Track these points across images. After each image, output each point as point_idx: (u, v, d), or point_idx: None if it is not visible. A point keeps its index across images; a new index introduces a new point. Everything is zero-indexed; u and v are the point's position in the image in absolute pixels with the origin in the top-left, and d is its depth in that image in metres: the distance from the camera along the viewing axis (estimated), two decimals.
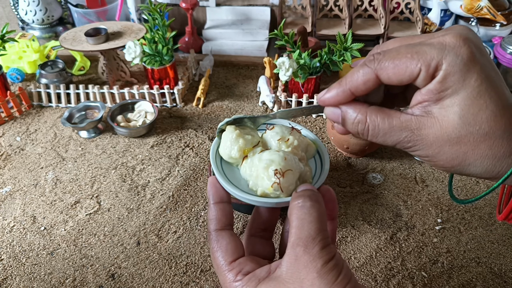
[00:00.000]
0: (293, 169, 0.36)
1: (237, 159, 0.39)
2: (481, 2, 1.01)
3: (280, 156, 0.36)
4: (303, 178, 0.38)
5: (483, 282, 0.59)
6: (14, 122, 0.91)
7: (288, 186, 0.35)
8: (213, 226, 0.36)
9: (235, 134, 0.38)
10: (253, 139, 0.39)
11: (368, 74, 0.30)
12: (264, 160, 0.36)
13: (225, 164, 0.40)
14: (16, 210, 0.71)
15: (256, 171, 0.36)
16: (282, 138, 0.39)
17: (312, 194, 0.33)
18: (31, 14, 1.17)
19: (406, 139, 0.30)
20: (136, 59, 0.87)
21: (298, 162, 0.37)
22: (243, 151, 0.38)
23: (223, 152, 0.39)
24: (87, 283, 0.59)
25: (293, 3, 1.13)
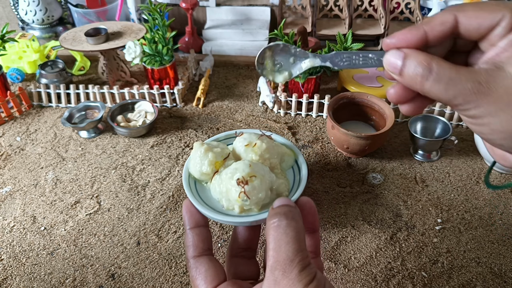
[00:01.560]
0: (259, 175, 0.34)
1: (209, 175, 0.37)
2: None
3: (245, 163, 0.35)
4: (278, 190, 0.36)
5: (483, 282, 0.59)
6: (14, 122, 0.91)
7: (257, 195, 0.33)
8: (190, 253, 0.35)
9: (203, 149, 0.37)
10: (223, 151, 0.38)
11: (446, 16, 0.29)
12: (229, 171, 0.35)
13: (199, 184, 0.38)
14: (16, 210, 0.71)
15: (225, 185, 0.35)
16: (249, 143, 0.37)
17: (288, 211, 0.31)
18: (31, 14, 1.17)
19: (472, 91, 0.27)
20: (136, 59, 0.87)
21: (267, 170, 0.35)
22: (214, 165, 0.37)
23: (194, 169, 0.37)
24: (87, 283, 0.59)
25: (293, 3, 1.13)
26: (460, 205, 0.70)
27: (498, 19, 0.28)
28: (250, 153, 0.37)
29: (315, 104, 0.88)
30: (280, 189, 0.36)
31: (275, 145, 0.38)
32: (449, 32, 0.29)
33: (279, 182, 0.36)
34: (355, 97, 0.82)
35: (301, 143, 0.83)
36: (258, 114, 0.91)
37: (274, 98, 0.88)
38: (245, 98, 0.97)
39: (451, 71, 0.28)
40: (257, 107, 0.94)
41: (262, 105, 0.94)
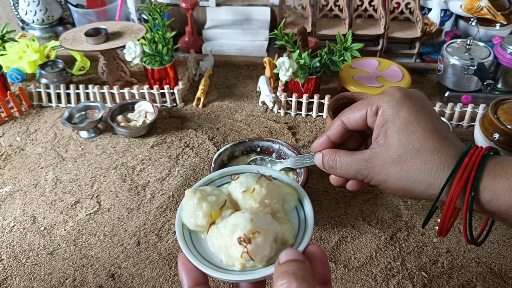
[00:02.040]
0: (263, 230, 0.30)
1: (205, 227, 0.33)
2: (481, 2, 1.01)
3: (246, 218, 0.31)
4: (282, 238, 0.32)
5: (483, 282, 0.59)
6: (14, 122, 0.91)
7: (261, 253, 0.30)
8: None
9: (197, 199, 0.33)
10: (218, 199, 0.34)
11: (337, 122, 0.42)
12: (228, 227, 0.31)
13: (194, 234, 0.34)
14: (16, 210, 0.71)
15: (224, 241, 0.31)
16: (247, 189, 0.34)
17: (297, 270, 0.28)
18: (31, 14, 1.17)
19: (363, 167, 0.38)
20: (136, 59, 0.87)
21: (270, 221, 0.32)
22: (210, 216, 0.33)
23: (188, 221, 0.34)
24: (87, 283, 0.59)
25: (293, 3, 1.13)
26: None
27: (364, 113, 0.40)
28: (249, 200, 0.33)
29: (315, 104, 0.88)
30: (285, 237, 0.32)
31: (275, 187, 0.35)
32: (342, 132, 0.42)
33: (283, 229, 0.33)
34: (355, 97, 0.82)
35: (301, 143, 0.83)
36: (258, 114, 0.91)
37: (274, 98, 0.88)
38: (245, 98, 0.97)
39: (347, 158, 0.40)
40: (257, 107, 0.94)
41: (262, 105, 0.94)
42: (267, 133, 0.86)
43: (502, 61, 0.89)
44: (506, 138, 0.69)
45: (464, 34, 1.11)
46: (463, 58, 0.88)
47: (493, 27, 1.07)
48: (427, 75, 1.04)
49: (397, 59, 1.07)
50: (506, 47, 0.88)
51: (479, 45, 0.92)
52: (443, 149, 0.36)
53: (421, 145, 0.36)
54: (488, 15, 1.01)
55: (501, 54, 0.89)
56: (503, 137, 0.69)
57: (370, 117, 0.39)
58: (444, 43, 0.95)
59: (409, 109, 0.37)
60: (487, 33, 1.07)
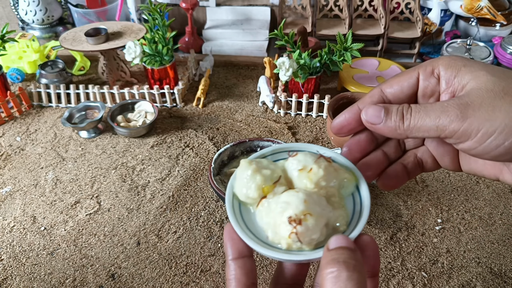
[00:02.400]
0: (315, 213, 0.29)
1: (256, 199, 0.32)
2: (481, 2, 1.01)
3: (299, 197, 0.30)
4: (334, 224, 0.31)
5: (483, 282, 0.59)
6: (14, 122, 0.91)
7: (310, 236, 0.29)
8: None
9: (251, 170, 0.32)
10: (273, 173, 0.32)
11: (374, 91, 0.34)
12: (279, 204, 0.30)
13: (244, 206, 0.33)
14: (16, 210, 0.71)
15: (273, 217, 0.30)
16: (304, 168, 0.32)
17: (348, 259, 0.26)
18: (31, 14, 1.17)
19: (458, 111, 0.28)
20: (136, 59, 0.87)
21: (324, 204, 0.31)
22: (262, 189, 0.32)
23: (239, 191, 0.33)
24: (87, 283, 0.60)
25: (293, 3, 1.13)
26: (460, 205, 0.70)
27: (415, 77, 0.32)
28: (305, 179, 0.32)
29: (315, 104, 0.88)
30: (337, 223, 0.31)
31: (333, 170, 0.33)
32: (378, 102, 0.33)
33: (336, 215, 0.31)
34: (355, 97, 0.82)
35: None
36: (258, 114, 0.91)
37: (274, 98, 0.88)
38: (245, 98, 0.97)
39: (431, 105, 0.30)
40: (257, 107, 0.94)
41: (262, 105, 0.94)
42: (267, 133, 0.86)
43: (502, 61, 0.89)
44: None
45: (464, 34, 1.11)
46: None
47: (493, 27, 1.07)
48: None
49: (397, 59, 1.07)
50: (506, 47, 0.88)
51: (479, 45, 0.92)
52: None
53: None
54: (488, 15, 1.02)
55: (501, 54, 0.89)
56: None
57: (424, 80, 0.31)
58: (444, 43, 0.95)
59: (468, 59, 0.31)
60: (487, 33, 1.08)
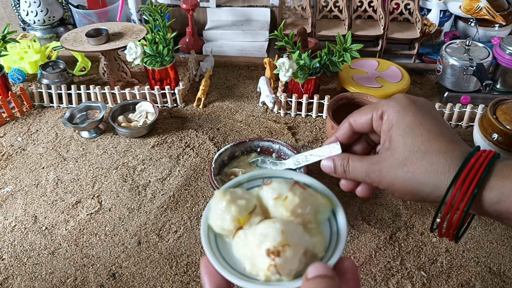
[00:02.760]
0: (293, 243, 0.29)
1: (232, 231, 0.32)
2: (480, 2, 1.01)
3: (276, 228, 0.29)
4: (313, 251, 0.31)
5: (482, 281, 0.59)
6: (15, 123, 0.91)
7: (289, 267, 0.29)
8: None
9: (226, 201, 0.32)
10: (248, 203, 0.32)
11: (345, 123, 0.43)
12: (256, 236, 0.30)
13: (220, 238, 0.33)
14: (17, 210, 0.71)
15: (251, 249, 0.30)
16: (279, 196, 0.32)
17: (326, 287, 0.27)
18: (32, 15, 1.17)
19: (371, 170, 0.39)
20: (137, 59, 0.87)
21: (301, 233, 0.30)
22: (238, 220, 0.32)
23: (214, 223, 0.32)
24: (88, 283, 0.60)
25: (293, 4, 1.13)
26: None
27: (370, 117, 0.40)
28: (280, 207, 0.32)
29: (315, 105, 0.88)
30: (315, 250, 0.31)
31: (309, 196, 0.33)
32: (350, 133, 0.43)
33: (314, 242, 0.31)
34: (354, 97, 0.82)
35: (301, 143, 0.84)
36: (258, 115, 0.92)
37: (274, 98, 0.88)
38: (245, 98, 0.97)
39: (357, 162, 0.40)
40: (257, 107, 0.94)
41: (262, 106, 0.94)
42: (267, 133, 0.87)
43: (501, 61, 0.90)
44: (505, 138, 0.69)
45: (463, 35, 1.11)
46: (462, 59, 0.88)
47: (492, 28, 1.07)
48: (426, 75, 1.05)
49: (397, 59, 1.08)
50: (505, 48, 0.88)
51: (478, 45, 0.92)
52: (449, 151, 0.36)
53: (426, 147, 0.36)
54: (487, 15, 1.02)
55: (500, 55, 0.89)
56: (502, 137, 0.69)
57: (375, 121, 0.40)
58: (443, 43, 0.95)
59: (415, 114, 0.38)
60: (486, 33, 1.08)
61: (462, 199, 0.34)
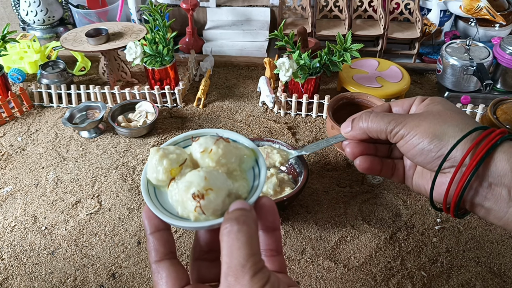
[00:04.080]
0: (215, 187, 0.33)
1: (165, 182, 0.36)
2: (480, 2, 1.01)
3: (200, 176, 0.34)
4: (236, 193, 0.35)
5: (482, 281, 0.59)
6: (15, 122, 0.91)
7: (213, 208, 0.33)
8: (152, 258, 0.35)
9: (159, 155, 0.36)
10: (179, 157, 0.36)
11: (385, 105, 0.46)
12: (184, 183, 0.34)
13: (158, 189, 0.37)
14: (17, 210, 0.71)
15: (181, 195, 0.34)
16: (205, 149, 0.36)
17: (240, 215, 0.31)
18: (32, 14, 1.17)
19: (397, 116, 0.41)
20: (137, 59, 0.87)
21: (224, 179, 0.35)
22: (170, 172, 0.36)
23: (150, 175, 0.37)
24: (88, 283, 0.60)
25: (293, 3, 1.13)
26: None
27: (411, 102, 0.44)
28: (206, 159, 0.36)
29: (315, 105, 0.88)
30: (239, 192, 0.35)
31: (232, 148, 0.37)
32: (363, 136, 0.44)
33: (237, 185, 0.35)
34: (354, 97, 0.82)
35: (301, 143, 0.84)
36: (258, 115, 0.92)
37: (274, 98, 0.88)
38: (245, 98, 0.97)
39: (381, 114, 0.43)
40: (257, 107, 0.94)
41: (262, 106, 0.94)
42: (267, 133, 0.86)
43: (501, 61, 0.90)
44: None
45: (464, 35, 1.11)
46: (463, 59, 0.88)
47: (492, 28, 1.07)
48: (427, 75, 1.05)
49: (397, 59, 1.08)
50: (505, 48, 0.88)
51: (478, 45, 0.92)
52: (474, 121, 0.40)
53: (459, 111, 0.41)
54: (488, 15, 1.02)
55: (500, 55, 0.89)
56: None
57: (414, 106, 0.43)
58: (443, 43, 0.95)
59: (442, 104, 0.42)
60: (486, 33, 1.08)
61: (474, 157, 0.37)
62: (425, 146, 0.39)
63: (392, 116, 0.41)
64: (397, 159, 0.47)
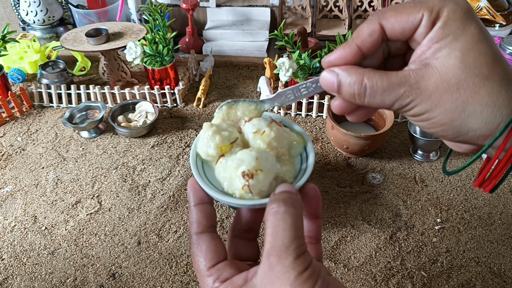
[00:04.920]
0: (265, 169, 0.34)
1: (215, 157, 0.37)
2: (480, 2, 1.01)
3: (251, 155, 0.34)
4: (283, 178, 0.35)
5: (482, 281, 0.59)
6: (15, 122, 0.91)
7: (260, 188, 0.33)
8: (193, 229, 0.34)
9: (211, 131, 0.37)
10: (231, 135, 0.37)
11: (372, 25, 0.30)
12: (235, 161, 0.34)
13: (206, 164, 0.38)
14: (17, 210, 0.71)
15: (229, 172, 0.35)
16: (258, 130, 0.37)
17: (287, 197, 0.31)
18: (32, 14, 1.17)
19: (405, 94, 0.29)
20: (137, 59, 0.87)
21: (273, 161, 0.35)
22: (221, 148, 0.36)
23: (201, 150, 0.37)
24: (88, 283, 0.60)
25: (293, 3, 1.13)
26: (459, 205, 0.70)
27: (418, 19, 0.29)
28: (258, 140, 0.37)
29: (315, 105, 0.88)
30: (285, 176, 0.36)
31: (284, 132, 0.38)
32: (378, 41, 0.31)
33: (285, 169, 0.36)
34: None
35: None
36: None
37: None
38: (245, 98, 0.97)
39: (382, 82, 0.30)
40: None
41: None
42: None
43: None
44: None
45: None
46: None
47: (492, 28, 1.07)
48: None
49: None
50: (505, 48, 0.88)
51: None
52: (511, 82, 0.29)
53: (490, 72, 0.28)
54: (488, 15, 1.02)
55: None
56: None
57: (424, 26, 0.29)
58: None
59: (478, 24, 0.29)
60: None
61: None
62: (446, 133, 0.30)
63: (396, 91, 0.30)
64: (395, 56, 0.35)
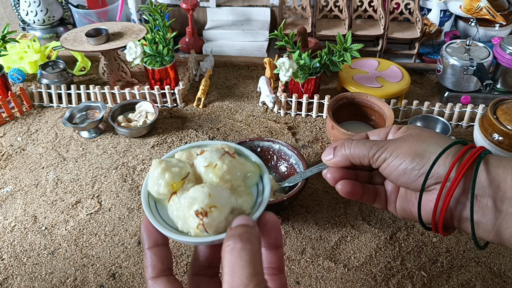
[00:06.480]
0: (219, 205, 0.32)
1: (167, 195, 0.35)
2: (480, 2, 1.01)
3: (204, 192, 0.33)
4: (240, 209, 0.34)
5: (482, 281, 0.59)
6: (15, 122, 0.91)
7: (216, 225, 0.32)
8: (148, 274, 0.33)
9: (161, 169, 0.35)
10: (181, 170, 0.35)
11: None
12: (187, 199, 0.33)
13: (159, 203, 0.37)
14: (17, 210, 0.71)
15: (182, 211, 0.33)
16: (210, 164, 0.35)
17: (243, 233, 0.30)
18: (32, 14, 1.17)
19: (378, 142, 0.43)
20: (137, 59, 0.87)
21: (227, 195, 0.34)
22: (172, 186, 0.35)
23: (151, 189, 0.36)
24: (88, 283, 0.60)
25: (293, 3, 1.13)
26: None
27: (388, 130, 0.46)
28: (211, 174, 0.35)
29: (315, 105, 0.88)
30: (243, 207, 0.34)
31: (238, 164, 0.36)
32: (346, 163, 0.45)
33: (241, 201, 0.34)
34: (354, 97, 0.82)
35: (301, 143, 0.84)
36: (258, 115, 0.92)
37: (274, 98, 0.88)
38: (245, 98, 0.97)
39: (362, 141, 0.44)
40: (257, 107, 0.94)
41: (262, 106, 0.94)
42: (267, 133, 0.86)
43: (501, 61, 0.90)
44: (505, 138, 0.69)
45: (464, 35, 1.11)
46: (463, 59, 0.88)
47: (492, 28, 1.07)
48: (427, 75, 1.05)
49: (397, 59, 1.08)
50: (506, 48, 0.88)
51: (478, 45, 0.92)
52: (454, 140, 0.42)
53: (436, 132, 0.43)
54: (488, 15, 1.02)
55: (500, 55, 0.89)
56: (502, 137, 0.69)
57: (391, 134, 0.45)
58: (443, 43, 0.95)
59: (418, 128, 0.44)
60: (486, 33, 1.08)
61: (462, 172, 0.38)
62: (407, 165, 0.40)
63: (373, 142, 0.43)
64: (378, 185, 0.48)
